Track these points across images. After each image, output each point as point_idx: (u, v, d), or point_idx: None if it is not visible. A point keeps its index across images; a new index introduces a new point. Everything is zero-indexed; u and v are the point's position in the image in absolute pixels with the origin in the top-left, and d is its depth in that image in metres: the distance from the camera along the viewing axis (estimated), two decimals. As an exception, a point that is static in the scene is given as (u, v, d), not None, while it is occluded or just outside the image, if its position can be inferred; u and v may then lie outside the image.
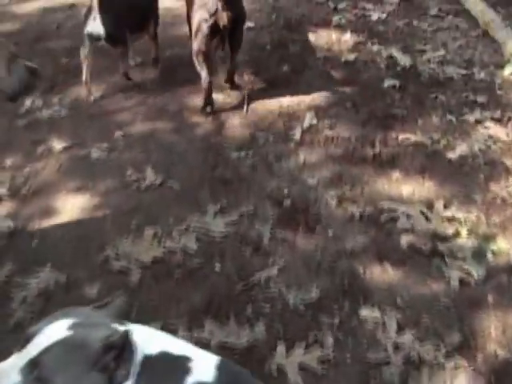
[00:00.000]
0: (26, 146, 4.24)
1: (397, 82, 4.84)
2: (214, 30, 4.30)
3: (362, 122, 4.42)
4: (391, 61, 5.17)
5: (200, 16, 4.34)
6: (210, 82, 4.50)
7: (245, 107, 4.59)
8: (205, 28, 4.31)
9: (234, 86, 4.87)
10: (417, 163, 4.07)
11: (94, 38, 4.50)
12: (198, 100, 4.65)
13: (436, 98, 4.70)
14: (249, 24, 5.60)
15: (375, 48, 5.37)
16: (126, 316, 1.87)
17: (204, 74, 4.48)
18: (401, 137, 4.28)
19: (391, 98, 4.69)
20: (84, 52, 4.62)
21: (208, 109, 4.58)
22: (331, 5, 6.18)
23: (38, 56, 5.10)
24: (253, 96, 4.73)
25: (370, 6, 6.16)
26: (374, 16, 5.95)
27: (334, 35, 5.57)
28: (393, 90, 4.77)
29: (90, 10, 4.43)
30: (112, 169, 4.01)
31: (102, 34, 4.42)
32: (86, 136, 4.33)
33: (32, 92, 3.48)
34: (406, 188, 3.86)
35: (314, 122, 4.42)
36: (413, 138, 4.28)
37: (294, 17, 5.93)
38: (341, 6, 6.15)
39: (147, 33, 5.03)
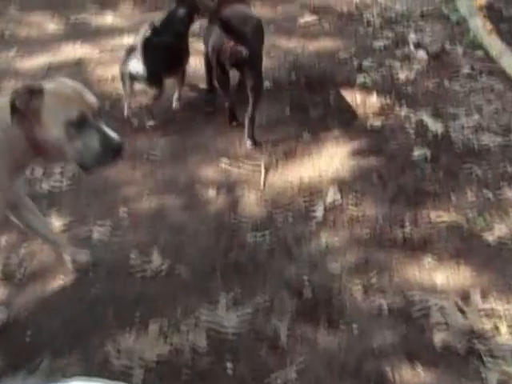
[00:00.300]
0: (23, 222, 4.12)
1: (428, 152, 4.69)
2: (220, 64, 4.70)
3: (389, 199, 4.26)
4: (421, 127, 5.03)
5: (210, 47, 4.81)
6: (230, 103, 4.97)
7: (262, 181, 4.45)
8: (212, 61, 4.78)
9: (254, 142, 4.85)
10: (451, 247, 3.90)
11: (133, 78, 4.93)
12: (210, 171, 4.54)
13: (471, 170, 4.54)
14: (267, 83, 5.52)
15: (403, 112, 5.23)
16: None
17: (222, 96, 4.99)
18: (433, 216, 4.12)
19: (421, 170, 4.53)
20: (125, 88, 5.07)
21: (234, 123, 5.00)
22: (355, 62, 6.07)
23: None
24: (270, 168, 4.60)
25: (396, 63, 6.05)
26: (402, 75, 5.83)
27: (358, 97, 5.45)
28: (423, 161, 4.62)
29: (131, 50, 4.87)
30: (115, 252, 3.88)
31: (143, 74, 4.82)
32: (87, 212, 4.21)
33: (105, 166, 3.16)
34: (439, 276, 3.70)
35: (338, 198, 4.27)
36: (446, 217, 4.12)
37: (316, 76, 5.82)
38: (366, 63, 6.05)
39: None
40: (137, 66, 4.81)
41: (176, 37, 5.18)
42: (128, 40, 6.59)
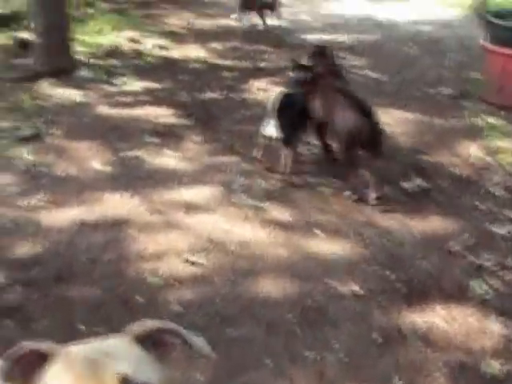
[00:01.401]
0: None
1: None
2: (357, 141, 5.76)
3: None
4: None
5: (344, 131, 5.82)
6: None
7: None
8: (350, 141, 5.78)
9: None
10: None
11: (269, 138, 6.36)
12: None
13: None
14: (354, 288, 4.69)
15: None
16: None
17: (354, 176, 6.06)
18: None
19: None
20: (259, 143, 6.54)
21: (353, 197, 5.99)
22: (470, 258, 5.15)
23: (49, 311, 4.28)
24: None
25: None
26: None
27: (472, 318, 4.49)
28: None
29: (267, 112, 6.30)
30: None
31: (277, 135, 6.21)
32: None
33: None
34: None
35: None
36: None
37: (418, 277, 4.91)
38: (487, 262, 5.10)
39: None
40: (272, 129, 6.21)
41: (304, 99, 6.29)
42: (187, 195, 5.85)
